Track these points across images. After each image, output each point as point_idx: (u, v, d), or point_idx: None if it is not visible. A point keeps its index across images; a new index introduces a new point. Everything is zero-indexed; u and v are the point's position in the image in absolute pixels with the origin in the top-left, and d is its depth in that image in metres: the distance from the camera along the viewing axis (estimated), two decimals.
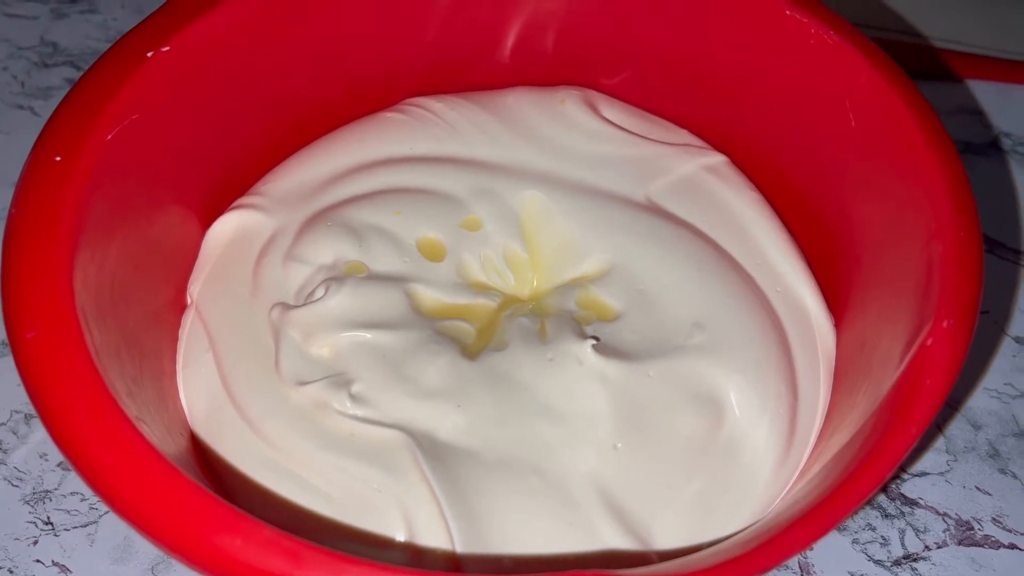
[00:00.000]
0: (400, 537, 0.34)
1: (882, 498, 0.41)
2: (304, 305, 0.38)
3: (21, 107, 0.54)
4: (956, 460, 0.42)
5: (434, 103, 0.47)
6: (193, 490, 0.26)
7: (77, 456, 0.27)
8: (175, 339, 0.39)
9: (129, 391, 0.31)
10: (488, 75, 0.47)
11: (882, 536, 0.40)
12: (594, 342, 0.37)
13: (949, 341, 0.30)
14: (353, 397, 0.36)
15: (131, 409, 0.29)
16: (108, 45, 0.57)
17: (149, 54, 0.36)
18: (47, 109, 0.54)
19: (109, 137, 0.34)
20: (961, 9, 0.59)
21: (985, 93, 0.56)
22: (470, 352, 0.38)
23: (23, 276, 0.30)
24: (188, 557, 0.26)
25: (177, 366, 0.39)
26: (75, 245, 0.31)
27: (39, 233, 0.31)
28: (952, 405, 0.44)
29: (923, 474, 0.42)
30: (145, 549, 0.38)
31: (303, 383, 0.36)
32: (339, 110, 0.46)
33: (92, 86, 0.35)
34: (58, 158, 0.33)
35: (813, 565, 0.39)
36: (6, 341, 0.44)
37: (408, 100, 0.47)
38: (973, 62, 0.57)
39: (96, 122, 0.34)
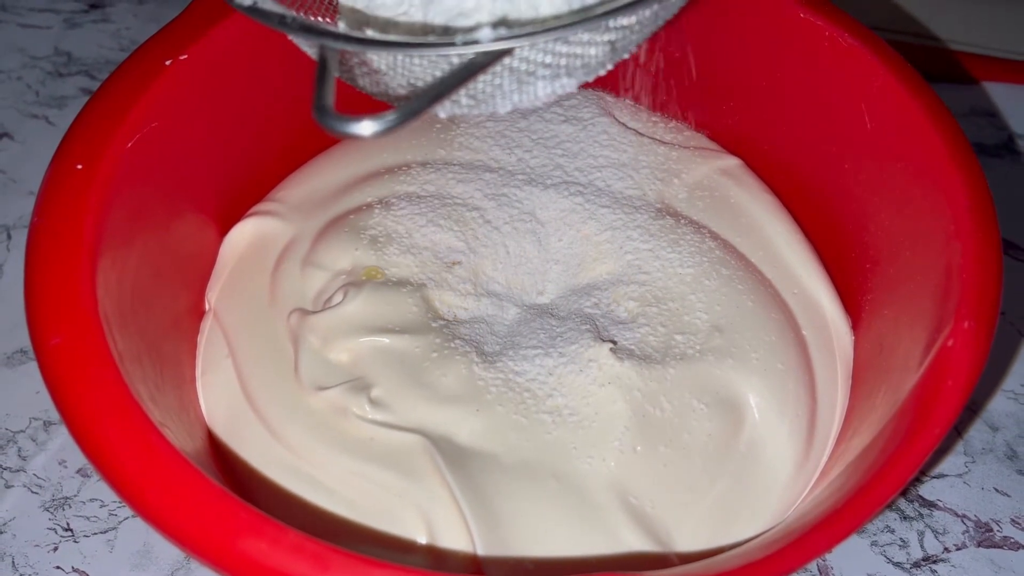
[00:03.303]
0: (421, 540, 0.34)
1: (901, 500, 0.41)
2: (322, 311, 0.38)
3: (36, 116, 0.55)
4: (974, 462, 0.42)
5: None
6: (219, 495, 0.27)
7: (103, 461, 0.27)
8: (194, 345, 0.40)
9: (152, 396, 0.31)
10: None
11: (901, 538, 0.40)
12: (612, 345, 0.37)
13: (970, 342, 0.30)
14: (373, 402, 0.36)
15: (155, 414, 0.29)
16: (122, 54, 0.58)
17: (168, 62, 0.36)
18: (62, 118, 0.54)
19: (130, 145, 0.34)
20: (973, 11, 0.59)
21: (998, 95, 0.56)
22: (487, 356, 0.38)
23: (46, 283, 0.30)
24: (214, 561, 0.26)
25: (196, 372, 0.39)
26: (97, 252, 0.32)
27: (62, 240, 0.31)
28: (970, 407, 0.44)
29: (941, 476, 0.42)
30: (165, 555, 0.38)
31: (322, 388, 0.36)
32: None
33: (112, 94, 0.35)
34: (80, 166, 0.33)
35: (832, 568, 0.39)
36: (23, 349, 0.44)
37: None
38: (986, 64, 0.57)
39: (117, 130, 0.34)
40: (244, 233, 0.42)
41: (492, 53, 0.27)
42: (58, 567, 0.38)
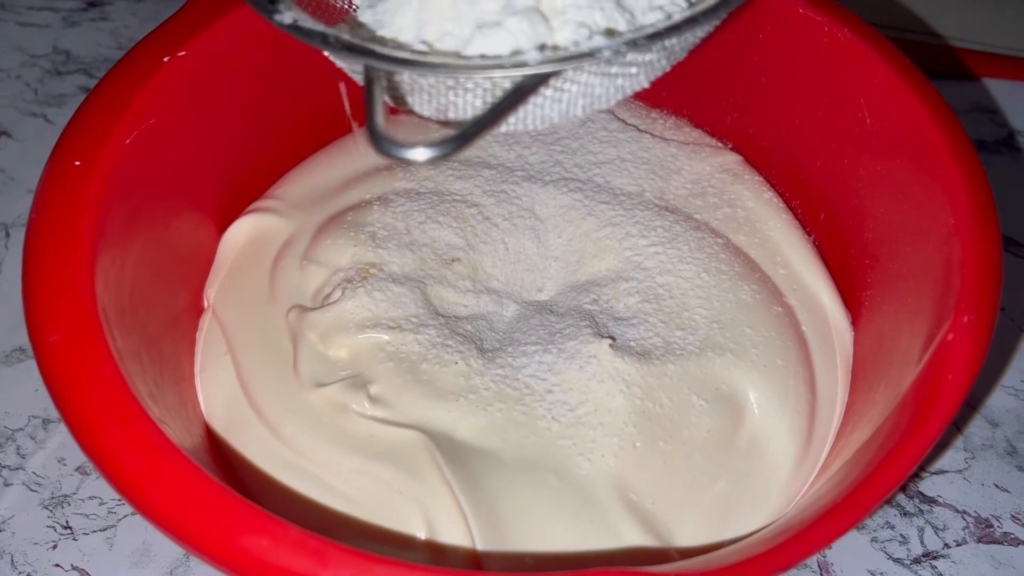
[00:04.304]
0: (421, 536, 0.34)
1: (901, 496, 0.41)
2: (321, 307, 0.38)
3: (35, 115, 0.54)
4: (974, 458, 0.42)
5: None
6: (219, 492, 0.27)
7: (102, 459, 0.27)
8: (193, 342, 0.40)
9: (151, 394, 0.31)
10: None
11: (901, 534, 0.40)
12: (611, 341, 0.37)
13: (970, 336, 0.30)
14: (372, 398, 0.36)
15: (154, 411, 0.29)
16: (120, 53, 0.58)
17: (166, 59, 0.36)
18: (60, 116, 0.54)
19: (128, 141, 0.34)
20: (974, 8, 0.59)
21: (998, 91, 0.56)
22: (487, 353, 0.38)
23: (45, 280, 0.30)
24: (214, 558, 0.26)
25: (195, 369, 0.39)
26: (96, 249, 0.32)
27: (60, 237, 0.31)
28: (970, 403, 0.44)
29: (941, 472, 0.42)
30: (164, 553, 0.38)
31: (322, 385, 0.36)
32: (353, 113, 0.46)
33: (110, 91, 0.35)
34: (78, 163, 0.33)
35: (832, 564, 0.39)
36: (22, 347, 0.44)
37: None
38: (987, 60, 0.57)
39: (115, 127, 0.34)
40: (243, 230, 0.42)
41: (539, 76, 0.26)
42: (57, 565, 0.38)
